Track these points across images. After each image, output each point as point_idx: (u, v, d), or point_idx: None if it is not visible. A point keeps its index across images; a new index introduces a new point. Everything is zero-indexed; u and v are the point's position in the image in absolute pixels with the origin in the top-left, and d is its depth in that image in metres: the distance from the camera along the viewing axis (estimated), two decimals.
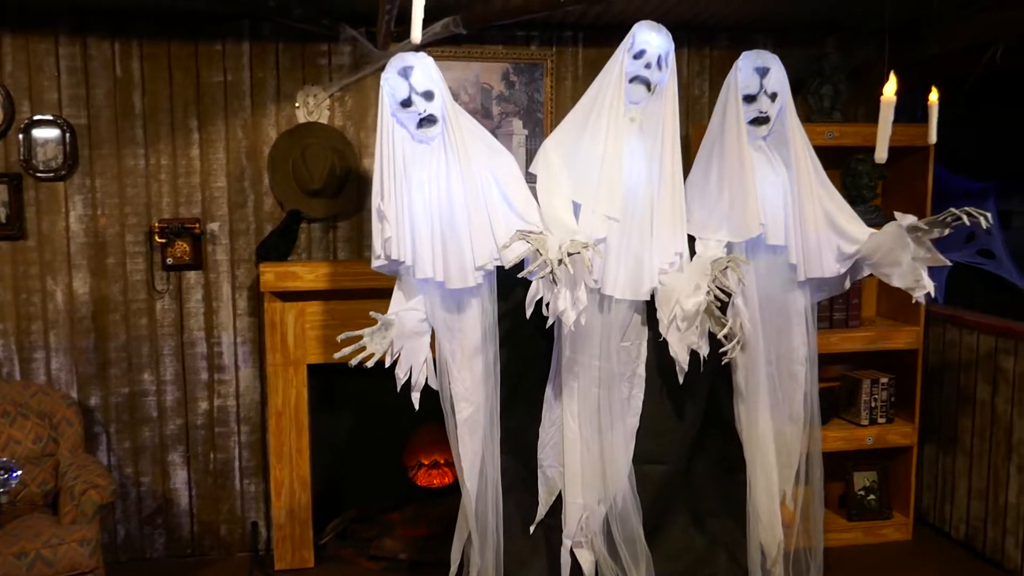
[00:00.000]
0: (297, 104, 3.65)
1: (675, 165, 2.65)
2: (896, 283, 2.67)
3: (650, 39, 2.60)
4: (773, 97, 2.67)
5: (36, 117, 3.45)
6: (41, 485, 3.17)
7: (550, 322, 2.47)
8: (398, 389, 2.61)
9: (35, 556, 2.79)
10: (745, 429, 2.78)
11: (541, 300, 2.46)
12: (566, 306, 2.43)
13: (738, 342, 2.52)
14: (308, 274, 3.42)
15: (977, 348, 3.64)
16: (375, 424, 3.80)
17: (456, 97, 3.72)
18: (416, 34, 1.86)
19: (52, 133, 3.47)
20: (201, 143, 3.60)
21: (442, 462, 3.80)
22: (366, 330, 2.50)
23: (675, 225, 2.65)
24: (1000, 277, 3.88)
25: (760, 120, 2.67)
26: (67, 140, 3.47)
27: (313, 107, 3.65)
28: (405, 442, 3.87)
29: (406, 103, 2.52)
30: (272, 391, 3.50)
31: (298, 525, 3.56)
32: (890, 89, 2.23)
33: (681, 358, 2.56)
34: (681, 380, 2.60)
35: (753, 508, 2.76)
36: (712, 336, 2.54)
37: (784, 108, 2.70)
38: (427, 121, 2.54)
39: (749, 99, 2.66)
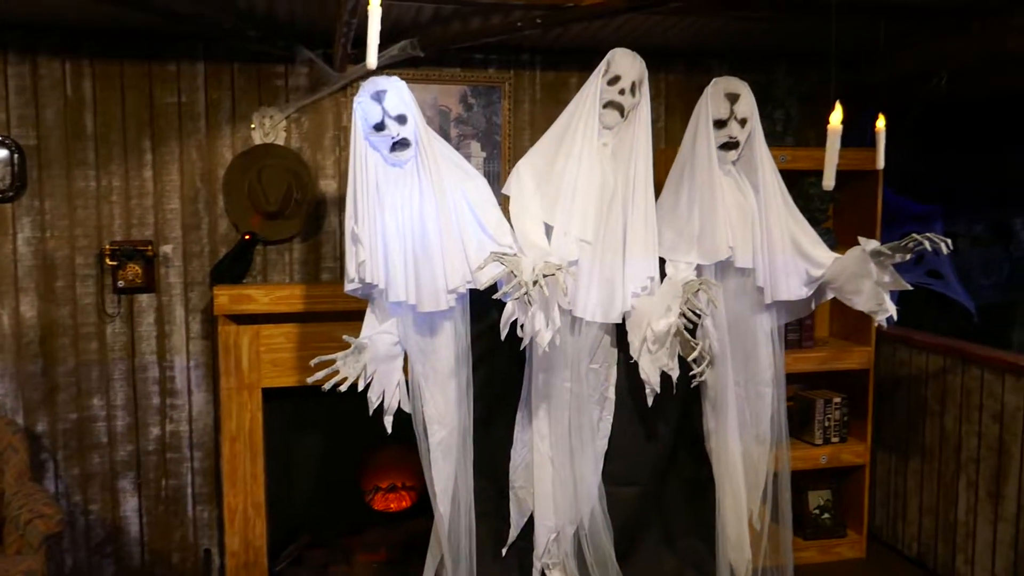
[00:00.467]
0: (253, 125, 3.61)
1: (648, 189, 2.69)
2: (859, 306, 2.73)
3: (625, 65, 2.65)
4: (743, 123, 2.71)
5: None
6: None
7: (524, 343, 2.48)
8: (370, 412, 2.59)
9: None
10: (715, 450, 2.81)
11: (515, 322, 2.46)
12: (540, 327, 2.43)
13: (708, 363, 2.55)
14: (263, 297, 3.38)
15: (927, 368, 3.72)
16: (331, 448, 3.76)
17: None
18: (372, 58, 1.86)
19: (0, 154, 3.39)
20: (154, 164, 3.55)
21: (400, 486, 3.77)
22: (339, 354, 2.49)
23: (648, 249, 2.67)
24: (948, 297, 3.97)
25: (730, 145, 2.71)
26: (15, 161, 3.40)
27: (269, 129, 3.62)
28: (362, 466, 3.83)
29: (379, 127, 2.52)
30: (226, 416, 3.44)
31: (252, 552, 3.50)
32: (836, 118, 2.28)
33: (652, 380, 2.58)
34: (651, 402, 2.62)
35: (722, 528, 2.79)
36: (683, 358, 2.57)
37: (753, 133, 2.74)
38: (400, 145, 2.54)
39: (719, 124, 2.70)
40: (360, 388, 2.53)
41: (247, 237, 3.57)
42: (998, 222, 4.23)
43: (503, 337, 2.46)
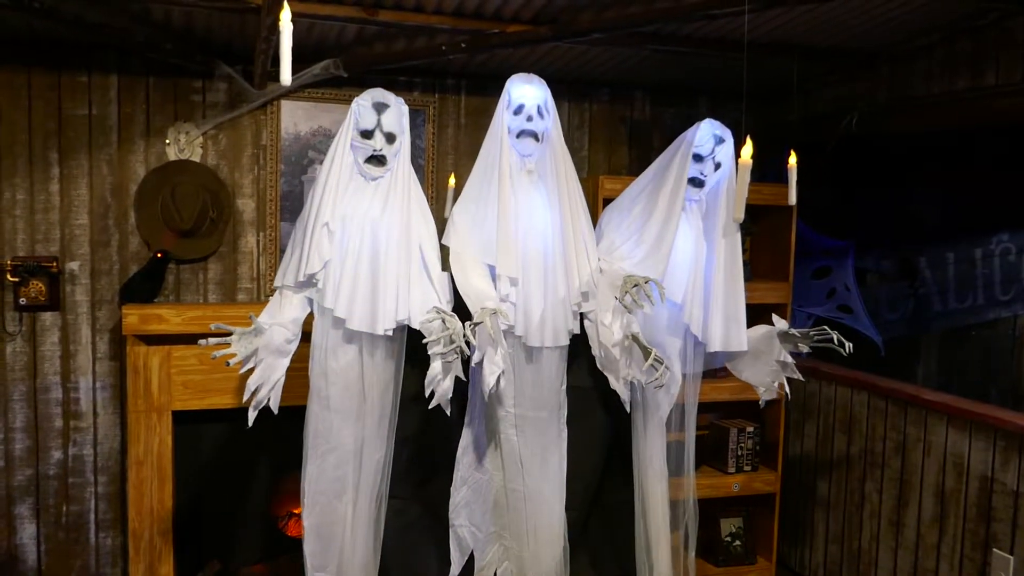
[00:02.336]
0: (168, 141, 3.52)
1: (575, 204, 2.71)
2: (746, 378, 2.83)
3: (525, 92, 2.65)
4: (717, 167, 2.75)
5: None
6: None
7: (431, 405, 2.43)
8: (244, 399, 2.55)
9: None
10: (639, 476, 2.85)
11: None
12: (451, 388, 2.43)
13: (666, 368, 2.55)
14: (175, 317, 3.28)
15: (835, 399, 3.82)
16: (243, 473, 3.67)
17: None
18: (286, 75, 1.84)
19: None
20: (61, 178, 3.43)
21: None
22: (238, 329, 2.46)
23: (581, 264, 2.70)
24: (857, 331, 4.08)
25: (697, 182, 2.74)
26: None
27: (185, 144, 3.53)
28: (275, 492, 3.74)
29: (367, 134, 2.56)
30: (133, 439, 3.32)
31: None
32: (747, 153, 2.32)
33: (621, 391, 2.63)
34: (629, 408, 2.68)
35: (641, 551, 2.85)
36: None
37: (722, 183, 2.77)
38: (376, 160, 2.57)
39: (697, 158, 2.72)
40: (242, 371, 2.49)
41: (159, 255, 3.47)
42: (904, 258, 4.37)
43: (427, 394, 2.43)
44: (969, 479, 3.13)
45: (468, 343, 2.37)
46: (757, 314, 4.00)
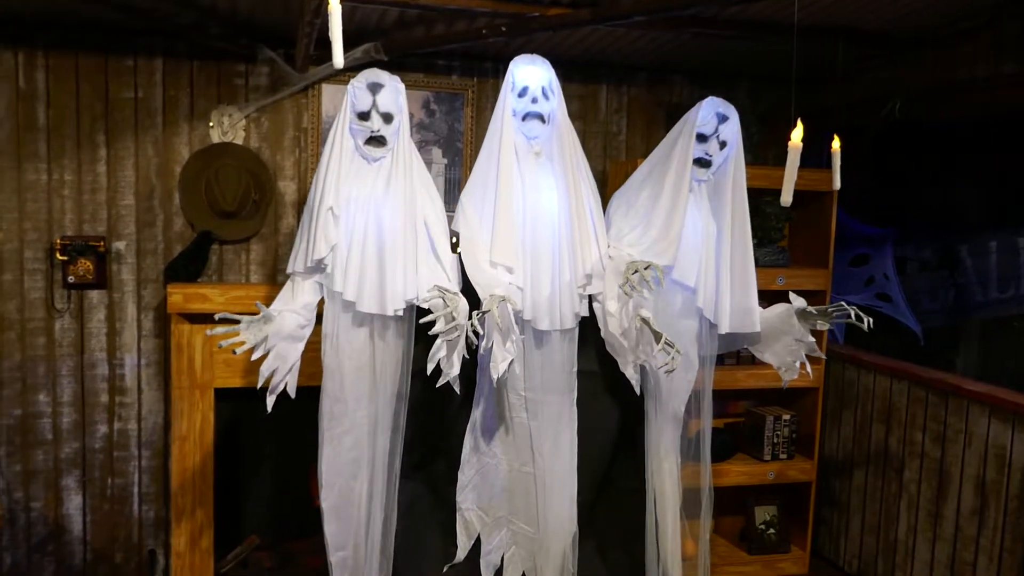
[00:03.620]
0: (211, 124, 3.58)
1: (583, 184, 2.69)
2: (768, 359, 2.78)
3: (530, 73, 2.64)
4: (723, 145, 2.71)
5: None
6: None
7: (440, 382, 2.45)
8: (257, 386, 2.58)
9: None
10: (651, 464, 2.82)
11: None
12: (458, 368, 2.43)
13: (677, 351, 2.46)
14: (219, 296, 3.34)
15: (873, 388, 3.78)
16: (282, 451, 3.73)
17: None
18: (338, 58, 1.85)
19: None
20: (108, 159, 3.50)
21: None
22: (246, 317, 2.47)
23: (589, 245, 2.68)
24: (896, 320, 4.04)
25: (703, 162, 2.71)
26: None
27: (228, 127, 3.58)
28: (312, 469, 3.80)
29: (363, 116, 2.55)
30: (176, 415, 3.39)
31: (198, 553, 3.46)
32: (797, 135, 2.29)
33: (630, 375, 2.61)
34: (638, 390, 2.65)
35: (652, 539, 2.82)
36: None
37: (729, 160, 2.73)
38: (376, 140, 2.56)
39: (701, 138, 2.70)
40: (254, 357, 2.51)
41: (203, 236, 3.53)
42: (945, 247, 4.31)
43: (428, 373, 2.45)
44: (1011, 471, 3.08)
45: (476, 333, 2.36)
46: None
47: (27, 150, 3.42)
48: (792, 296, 2.69)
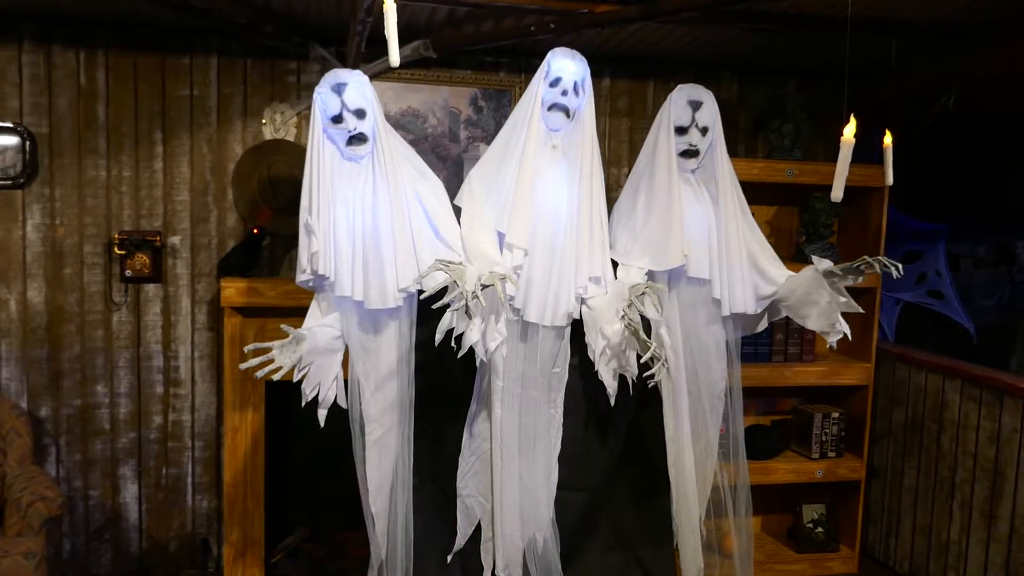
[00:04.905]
0: (264, 121, 3.64)
1: (595, 189, 2.66)
2: (811, 326, 2.71)
3: (565, 66, 2.59)
4: (704, 131, 2.67)
5: None
6: None
7: (460, 353, 2.43)
8: (303, 404, 2.58)
9: None
10: (671, 457, 2.78)
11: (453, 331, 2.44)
12: (479, 338, 2.42)
13: (663, 364, 2.46)
14: (270, 291, 3.40)
15: (925, 387, 3.73)
16: (333, 443, 3.78)
17: (424, 120, 3.78)
18: (394, 56, 1.88)
19: (12, 140, 3.43)
20: (165, 156, 3.59)
21: None
22: (276, 342, 2.45)
23: (594, 249, 2.65)
24: (948, 317, 3.98)
25: (690, 153, 2.68)
26: (27, 148, 3.43)
27: (280, 124, 3.65)
28: None
29: (337, 119, 2.50)
30: (229, 407, 3.46)
31: (250, 543, 3.53)
32: (849, 131, 2.27)
33: (608, 383, 2.56)
34: (613, 403, 2.59)
35: (676, 534, 2.79)
36: (638, 361, 2.55)
37: (714, 143, 2.71)
38: (357, 139, 2.51)
39: (680, 131, 2.66)
40: (295, 379, 2.50)
41: (255, 231, 3.60)
42: (1001, 244, 4.23)
43: (437, 344, 2.43)
44: None
45: (477, 298, 2.30)
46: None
47: (87, 147, 3.51)
48: (815, 259, 2.63)
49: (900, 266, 2.48)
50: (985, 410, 3.41)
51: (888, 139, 2.52)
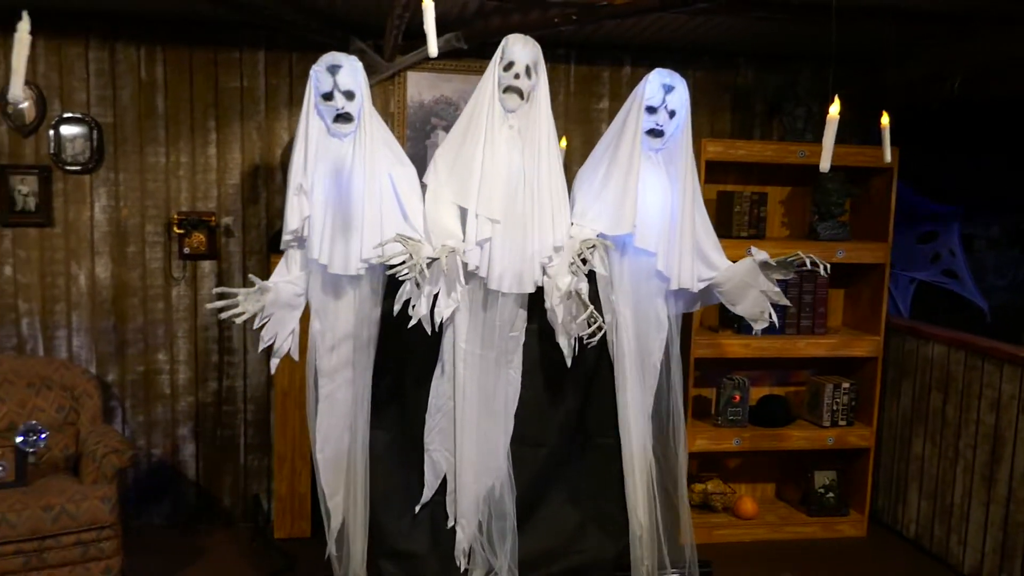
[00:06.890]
0: None
1: (552, 164, 2.86)
2: (741, 311, 2.91)
3: (517, 51, 2.81)
4: (672, 114, 2.86)
5: (66, 115, 3.74)
6: (63, 450, 3.45)
7: (410, 324, 2.67)
8: (258, 350, 2.86)
9: (60, 510, 3.07)
10: (620, 419, 2.99)
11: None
12: (426, 311, 2.67)
13: (599, 327, 2.68)
14: None
15: (932, 357, 3.89)
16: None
17: (456, 108, 4.02)
18: (433, 48, 2.10)
19: (80, 130, 3.76)
20: (218, 143, 3.89)
21: None
22: (242, 290, 2.71)
23: (556, 221, 2.85)
24: (962, 296, 4.10)
25: (655, 132, 2.86)
26: (94, 137, 3.76)
27: None
28: None
29: (327, 96, 2.75)
30: (278, 373, 3.72)
31: (297, 498, 3.83)
32: (834, 109, 2.47)
33: (564, 345, 2.79)
34: (569, 364, 2.81)
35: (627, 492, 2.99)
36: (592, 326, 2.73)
37: (680, 128, 2.90)
38: (343, 118, 2.76)
39: (651, 110, 2.85)
40: (255, 326, 2.75)
41: None
42: (1014, 225, 4.34)
43: (395, 314, 2.67)
44: None
45: (423, 274, 2.57)
46: (854, 273, 4.11)
47: (148, 135, 3.84)
48: (753, 250, 2.82)
49: (828, 265, 2.70)
50: (986, 378, 3.56)
51: (885, 120, 2.69)
